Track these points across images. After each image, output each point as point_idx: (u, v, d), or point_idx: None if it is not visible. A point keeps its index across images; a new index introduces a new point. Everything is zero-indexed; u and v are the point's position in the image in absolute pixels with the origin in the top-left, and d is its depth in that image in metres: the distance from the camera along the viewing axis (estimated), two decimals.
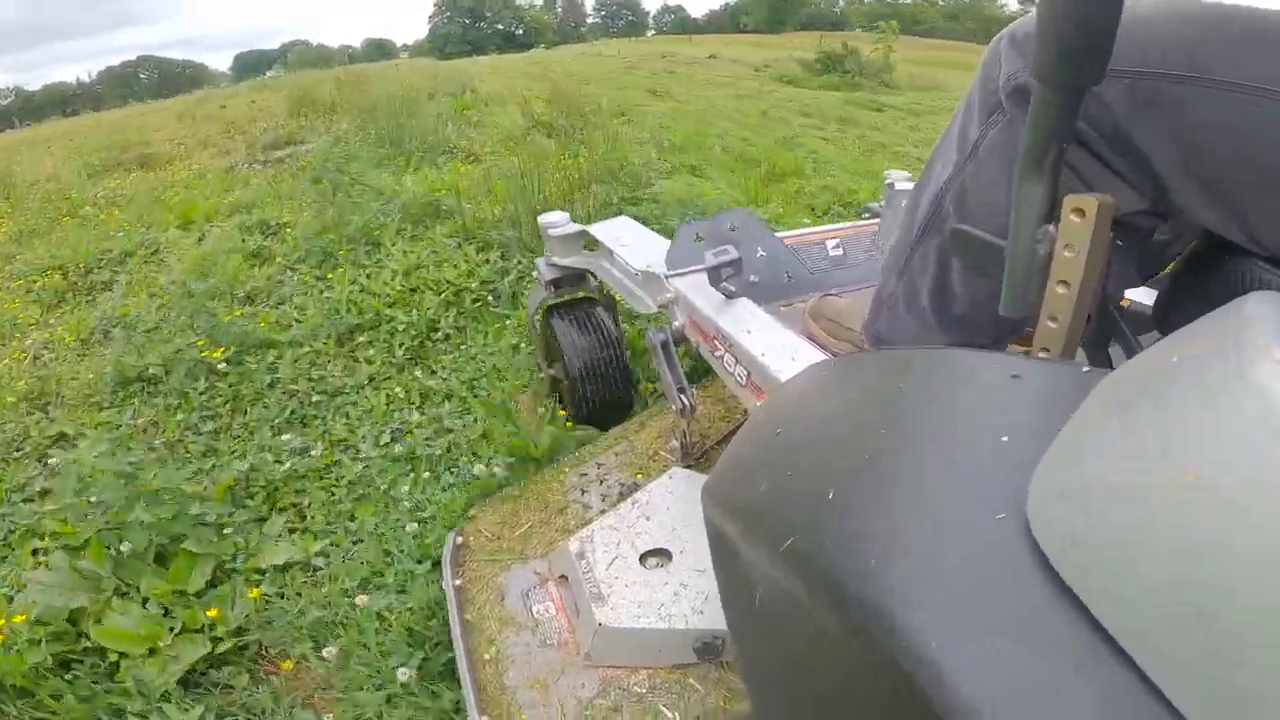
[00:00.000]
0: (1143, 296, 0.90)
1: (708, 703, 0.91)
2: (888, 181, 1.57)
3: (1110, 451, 0.26)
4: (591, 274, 1.60)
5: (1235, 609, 0.21)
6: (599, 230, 1.49)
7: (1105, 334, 0.61)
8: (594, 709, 0.91)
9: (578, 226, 1.59)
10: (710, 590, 0.98)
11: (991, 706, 0.24)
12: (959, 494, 0.31)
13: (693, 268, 1.19)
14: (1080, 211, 0.52)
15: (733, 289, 1.07)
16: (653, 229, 1.55)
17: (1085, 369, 0.35)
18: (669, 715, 0.90)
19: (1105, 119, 0.58)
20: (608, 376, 1.62)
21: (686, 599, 0.98)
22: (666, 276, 1.20)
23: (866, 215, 1.66)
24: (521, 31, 62.89)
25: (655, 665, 0.96)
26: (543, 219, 1.62)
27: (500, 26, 63.22)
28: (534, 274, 1.81)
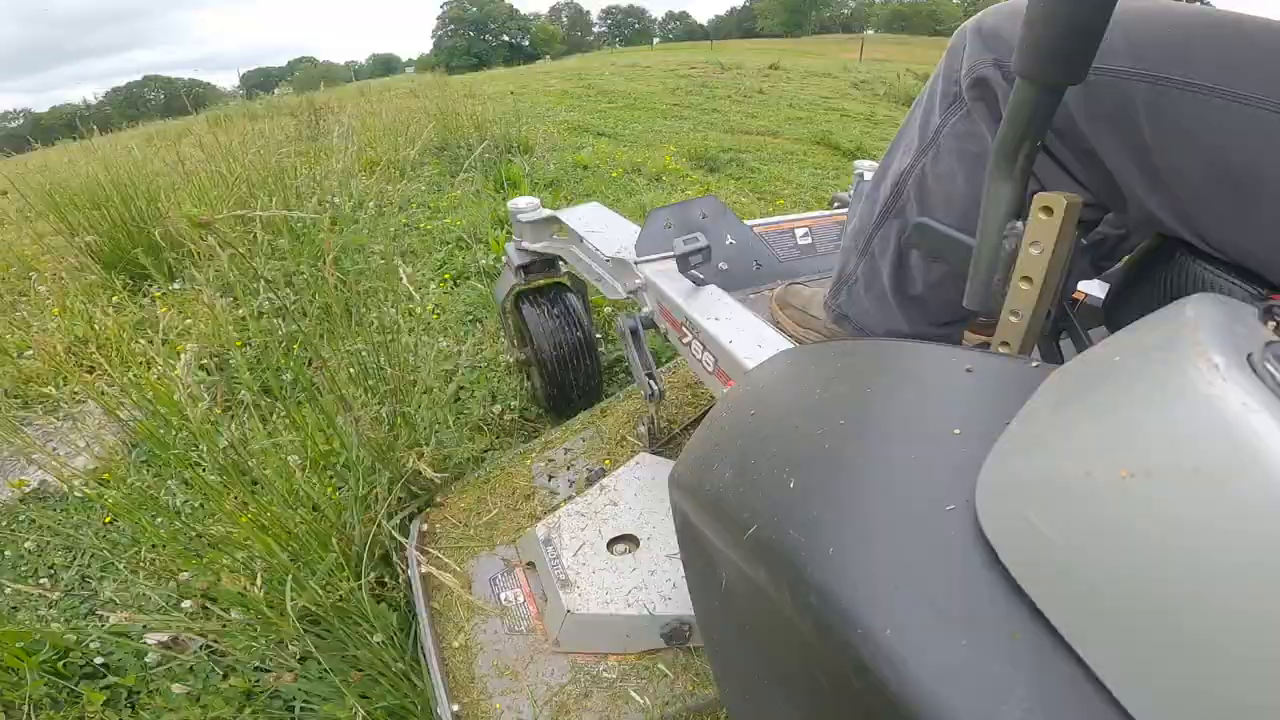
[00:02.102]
0: (1094, 289, 0.92)
1: (677, 687, 0.92)
2: (857, 172, 1.59)
3: (1051, 447, 0.27)
4: (561, 259, 1.59)
5: (1168, 605, 0.22)
6: (569, 216, 1.48)
7: (1057, 328, 0.63)
8: (564, 695, 0.92)
9: (548, 211, 1.58)
10: (678, 576, 1.00)
11: (940, 694, 0.25)
12: (913, 485, 0.32)
13: (662, 254, 1.19)
14: (1048, 210, 0.53)
15: (701, 276, 1.08)
16: None
17: (1035, 364, 0.36)
18: (639, 700, 0.91)
19: (1061, 116, 0.59)
20: (577, 361, 1.62)
21: (654, 585, 0.99)
22: (636, 263, 1.20)
23: (836, 205, 1.68)
24: (528, 42, 61.73)
25: (624, 651, 0.97)
26: (512, 203, 1.61)
27: (506, 38, 61.91)
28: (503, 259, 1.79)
